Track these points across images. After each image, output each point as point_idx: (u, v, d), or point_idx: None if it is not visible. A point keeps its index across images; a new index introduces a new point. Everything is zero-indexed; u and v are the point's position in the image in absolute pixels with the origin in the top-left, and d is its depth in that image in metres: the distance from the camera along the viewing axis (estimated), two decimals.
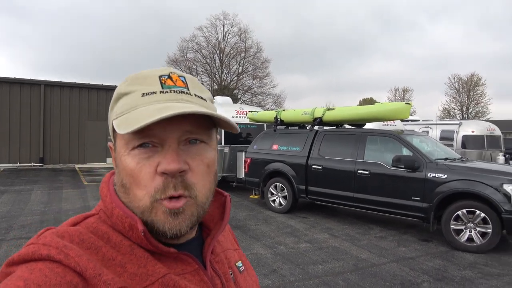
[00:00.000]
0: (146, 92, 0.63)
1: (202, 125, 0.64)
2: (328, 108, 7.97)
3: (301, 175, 7.43)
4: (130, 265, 0.60)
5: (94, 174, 14.31)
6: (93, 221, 0.65)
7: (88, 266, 0.55)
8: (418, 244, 5.73)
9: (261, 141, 8.52)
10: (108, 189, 0.68)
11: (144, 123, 0.55)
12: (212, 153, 0.66)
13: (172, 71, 0.67)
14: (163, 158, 0.60)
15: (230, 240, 0.85)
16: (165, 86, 0.63)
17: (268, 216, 7.42)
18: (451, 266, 4.75)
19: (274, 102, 35.63)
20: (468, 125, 13.43)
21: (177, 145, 0.61)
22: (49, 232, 0.60)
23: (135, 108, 0.61)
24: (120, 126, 0.59)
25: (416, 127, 14.10)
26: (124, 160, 0.62)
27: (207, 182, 0.65)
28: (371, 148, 6.74)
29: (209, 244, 0.72)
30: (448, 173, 5.61)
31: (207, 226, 0.76)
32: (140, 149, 0.61)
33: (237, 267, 0.78)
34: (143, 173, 0.60)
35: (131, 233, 0.63)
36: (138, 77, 0.66)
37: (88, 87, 18.11)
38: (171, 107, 0.58)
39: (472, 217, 5.32)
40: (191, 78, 0.68)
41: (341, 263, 4.80)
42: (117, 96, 0.65)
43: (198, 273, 0.66)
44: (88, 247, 0.59)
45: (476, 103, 45.84)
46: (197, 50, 34.49)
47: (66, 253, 0.55)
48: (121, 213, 0.63)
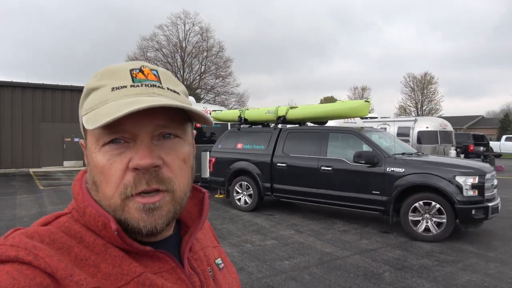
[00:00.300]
0: (116, 86, 0.60)
1: (175, 119, 0.62)
2: (291, 107, 8.09)
3: (266, 173, 7.50)
4: (104, 265, 0.58)
5: (51, 178, 13.67)
6: (65, 220, 0.63)
7: (59, 267, 0.53)
8: (379, 236, 5.97)
9: (225, 140, 8.50)
10: (80, 187, 0.65)
11: (112, 118, 0.53)
12: (188, 148, 0.65)
13: (143, 64, 0.65)
14: (135, 153, 0.58)
15: (209, 237, 0.84)
16: (136, 80, 0.61)
17: (234, 215, 7.43)
18: (410, 256, 4.99)
19: (237, 101, 35.68)
20: (422, 121, 14.09)
21: (149, 140, 0.59)
22: (17, 233, 0.57)
23: (105, 103, 0.59)
24: (88, 122, 0.57)
25: (374, 124, 14.60)
26: (95, 157, 0.60)
27: (184, 178, 0.64)
28: (333, 145, 6.92)
29: (186, 242, 0.70)
30: (405, 167, 5.87)
31: (185, 224, 0.75)
32: (111, 145, 0.59)
33: (216, 264, 0.77)
34: (114, 169, 0.58)
35: (104, 232, 0.61)
36: (108, 71, 0.63)
37: (43, 87, 17.26)
38: (141, 101, 0.56)
39: (428, 208, 5.61)
40: (164, 72, 0.66)
41: (307, 257, 4.90)
42: (87, 92, 0.63)
43: (175, 271, 0.65)
44: (60, 247, 0.57)
45: (430, 100, 48.33)
46: (158, 49, 33.88)
47: (35, 254, 0.53)
48: (93, 212, 0.61)
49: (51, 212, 0.66)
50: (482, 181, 5.48)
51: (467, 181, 5.43)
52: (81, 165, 18.17)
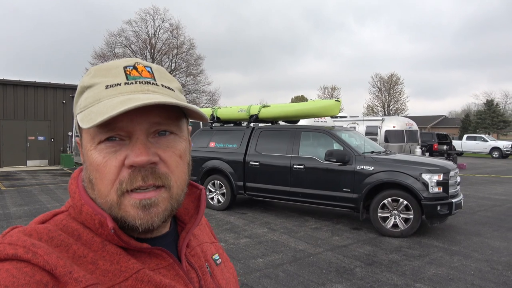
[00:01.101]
0: (110, 84, 0.60)
1: (171, 116, 0.62)
2: (263, 105, 8.13)
3: (239, 172, 7.51)
4: (103, 262, 0.58)
5: (14, 178, 13.07)
6: (62, 218, 0.63)
7: (58, 264, 0.53)
8: (350, 232, 6.12)
9: (198, 138, 8.44)
10: (76, 186, 0.65)
11: (107, 116, 0.53)
12: (184, 144, 0.65)
13: (137, 61, 0.64)
14: (131, 151, 0.58)
15: (206, 233, 0.84)
16: (130, 77, 0.61)
17: (207, 213, 7.39)
18: (379, 251, 5.15)
19: (208, 99, 35.40)
20: (390, 121, 14.53)
21: (145, 137, 0.59)
22: (15, 231, 0.57)
23: (99, 101, 0.58)
24: (83, 120, 0.57)
25: (344, 123, 14.92)
26: (90, 155, 0.60)
27: (181, 173, 0.64)
28: (305, 144, 7.02)
29: (184, 238, 0.71)
30: (374, 165, 6.05)
31: (182, 220, 0.75)
32: (106, 143, 0.59)
33: (214, 260, 0.77)
34: (109, 166, 0.58)
35: (101, 230, 0.61)
36: (101, 68, 0.63)
37: (3, 83, 16.44)
38: (135, 99, 0.56)
39: (396, 205, 5.80)
40: (157, 68, 0.66)
41: (280, 255, 4.95)
42: (81, 90, 0.63)
43: (173, 267, 0.65)
44: (58, 245, 0.57)
45: (396, 100, 49.89)
46: (126, 45, 33.00)
47: (34, 251, 0.53)
48: (90, 211, 0.61)
49: (15, 214, 0.65)
50: (447, 178, 5.73)
51: (433, 179, 5.66)
52: (46, 165, 17.48)
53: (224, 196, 7.69)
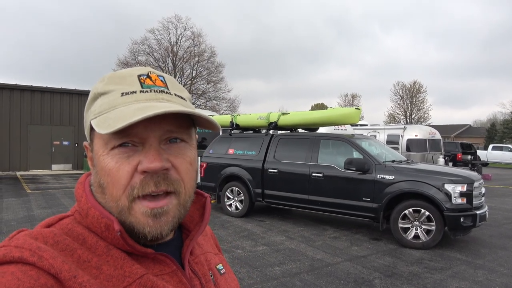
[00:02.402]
0: (126, 91, 0.62)
1: (182, 125, 0.64)
2: (282, 113, 8.13)
3: (257, 179, 7.50)
4: (107, 267, 0.59)
5: (38, 181, 13.45)
6: (68, 222, 0.64)
7: (63, 268, 0.54)
8: (369, 243, 6.00)
9: (217, 145, 8.49)
10: (83, 190, 0.66)
11: (128, 122, 0.55)
12: (193, 152, 0.67)
13: (150, 70, 0.66)
14: (144, 157, 0.60)
15: (211, 244, 0.85)
16: (145, 86, 0.63)
17: (225, 220, 7.40)
18: (399, 263, 5.02)
19: (228, 106, 35.67)
20: (412, 129, 14.26)
21: (158, 144, 0.61)
22: (22, 234, 0.58)
23: (115, 107, 0.60)
24: (100, 126, 0.58)
25: (364, 132, 14.73)
26: (102, 160, 0.61)
27: (191, 180, 0.65)
28: (324, 152, 6.96)
29: (188, 245, 0.71)
30: (395, 175, 5.93)
31: (187, 228, 0.76)
32: (120, 148, 0.60)
33: (218, 269, 0.78)
34: (122, 171, 0.60)
35: (107, 234, 0.61)
36: (116, 76, 0.65)
37: (31, 89, 17.03)
38: (153, 107, 0.58)
39: (417, 215, 5.66)
40: (170, 78, 0.68)
41: (298, 264, 4.90)
42: (94, 96, 0.64)
43: (176, 274, 0.66)
44: (63, 249, 0.58)
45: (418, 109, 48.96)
46: (149, 53, 33.74)
47: (40, 255, 0.54)
48: (96, 213, 0.62)
49: (39, 216, 0.67)
50: (470, 189, 5.56)
51: (456, 189, 5.51)
52: (70, 169, 17.93)
53: (242, 203, 7.69)
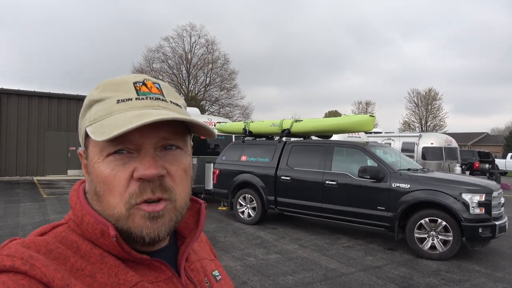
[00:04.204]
0: (122, 98, 0.62)
1: (178, 132, 0.64)
2: (296, 120, 8.09)
3: (270, 186, 7.46)
4: (100, 275, 0.58)
5: (54, 186, 13.67)
6: (61, 230, 0.63)
7: (55, 277, 0.53)
8: (384, 252, 5.88)
9: (229, 152, 8.49)
10: (78, 197, 0.66)
11: (124, 130, 0.55)
12: (188, 159, 0.67)
13: (146, 78, 0.66)
14: (140, 163, 0.60)
15: (206, 250, 0.85)
16: (141, 93, 0.63)
17: (237, 227, 7.37)
18: (416, 274, 4.90)
19: (241, 113, 35.77)
20: (427, 137, 14.04)
21: (153, 151, 0.61)
22: (14, 243, 0.57)
23: (111, 114, 0.60)
24: (95, 133, 0.58)
25: (379, 139, 14.56)
26: (98, 167, 0.61)
27: (185, 187, 0.66)
28: (338, 159, 6.89)
29: (183, 252, 0.71)
30: (411, 183, 5.82)
31: (182, 235, 0.75)
32: (115, 155, 0.60)
33: (214, 276, 0.77)
34: (118, 179, 0.59)
35: (102, 240, 0.61)
36: (111, 83, 0.65)
37: (49, 96, 17.40)
38: (149, 114, 0.58)
39: (434, 225, 5.53)
40: (165, 85, 0.68)
41: (311, 273, 4.83)
42: (89, 103, 0.64)
43: (171, 281, 0.65)
44: (56, 257, 0.57)
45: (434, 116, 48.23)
46: (164, 61, 34.15)
47: (31, 263, 0.53)
48: (92, 220, 0.62)
49: (54, 221, 0.66)
50: (489, 199, 5.41)
51: (474, 199, 5.37)
52: None
53: (255, 210, 7.65)
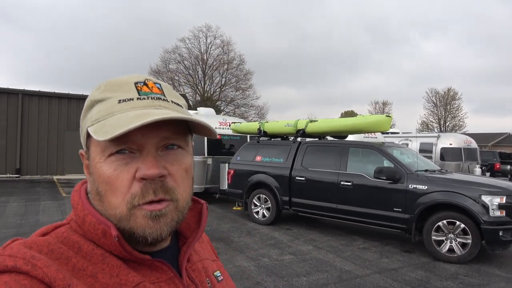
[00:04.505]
0: (123, 98, 0.62)
1: (179, 131, 0.64)
2: (310, 120, 8.04)
3: (285, 187, 7.43)
4: (102, 275, 0.58)
5: (73, 185, 13.91)
6: (63, 230, 0.63)
7: (57, 277, 0.53)
8: (401, 255, 5.79)
9: (244, 152, 8.50)
10: (79, 197, 0.66)
11: (126, 129, 0.55)
12: (190, 158, 0.67)
13: (147, 78, 0.66)
14: (142, 163, 0.60)
15: (208, 250, 0.84)
16: (142, 93, 0.63)
17: (252, 228, 7.37)
18: (433, 277, 4.80)
19: (257, 113, 35.82)
20: (446, 137, 13.77)
21: (155, 150, 0.61)
22: (16, 243, 0.58)
23: (112, 114, 0.60)
24: (97, 133, 0.58)
25: (396, 140, 14.36)
26: (99, 167, 0.61)
27: (187, 187, 0.65)
28: (353, 160, 6.81)
29: (185, 252, 0.71)
30: (428, 185, 5.71)
31: (183, 235, 0.75)
32: (117, 155, 0.60)
33: (215, 276, 0.77)
34: (120, 179, 0.60)
35: (104, 240, 0.61)
36: (112, 83, 0.65)
37: (68, 97, 17.77)
38: (151, 114, 0.58)
39: (452, 228, 5.41)
40: (166, 85, 0.68)
41: (325, 275, 4.79)
42: (91, 103, 0.64)
43: (173, 281, 0.65)
44: (58, 258, 0.57)
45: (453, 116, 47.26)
46: (180, 61, 34.51)
47: (33, 263, 0.53)
48: (93, 220, 0.62)
49: None
50: (510, 201, 5.26)
51: (494, 201, 5.22)
52: None
53: (269, 210, 7.64)
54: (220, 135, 10.65)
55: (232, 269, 4.85)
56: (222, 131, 10.70)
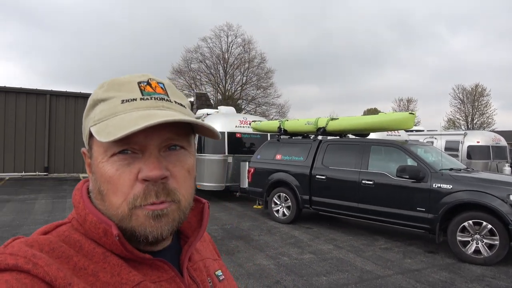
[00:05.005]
0: (126, 98, 0.62)
1: (182, 132, 0.64)
2: (331, 118, 7.95)
3: (305, 185, 7.38)
4: (103, 274, 0.58)
5: None
6: (64, 229, 0.64)
7: (58, 276, 0.53)
8: (424, 256, 5.65)
9: (264, 150, 8.50)
10: (81, 196, 0.66)
11: (129, 131, 0.55)
12: (192, 159, 0.67)
13: (150, 77, 0.66)
14: (144, 164, 0.60)
15: (210, 250, 0.84)
16: (145, 93, 0.63)
17: (272, 226, 7.36)
18: (458, 279, 4.67)
19: (278, 112, 35.72)
20: (473, 135, 13.34)
21: (157, 151, 0.61)
22: (17, 242, 0.58)
23: (115, 114, 0.60)
24: (100, 133, 0.58)
25: (420, 138, 14.02)
26: (102, 167, 0.61)
27: (189, 188, 0.65)
28: (375, 158, 6.70)
29: (186, 251, 0.71)
30: (453, 184, 5.54)
31: (185, 234, 0.75)
32: (119, 155, 0.60)
33: (216, 275, 0.77)
34: (123, 179, 0.60)
35: (105, 240, 0.61)
36: (115, 83, 0.65)
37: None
38: (154, 115, 0.58)
39: (478, 228, 5.24)
40: (169, 85, 0.68)
41: (346, 274, 4.73)
42: (94, 103, 0.64)
43: (174, 280, 0.65)
44: (59, 256, 0.57)
45: (481, 113, 45.72)
46: (201, 61, 34.77)
47: (34, 262, 0.53)
48: (94, 219, 0.62)
49: None
50: None
51: None
52: None
53: (290, 209, 7.61)
54: (241, 134, 10.69)
55: (251, 267, 4.86)
56: (242, 129, 10.73)
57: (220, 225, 7.20)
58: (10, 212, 8.17)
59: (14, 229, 6.60)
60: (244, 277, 4.48)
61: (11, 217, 7.64)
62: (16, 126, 16.62)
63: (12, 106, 16.61)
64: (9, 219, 7.44)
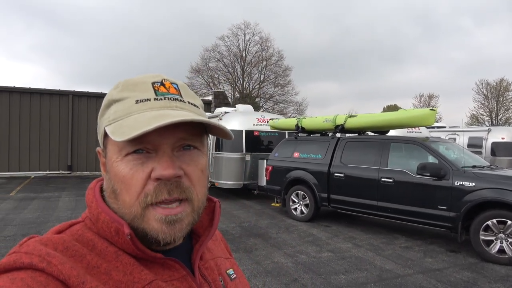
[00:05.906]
0: (140, 99, 0.63)
1: (195, 132, 0.65)
2: (350, 115, 7.86)
3: (323, 183, 7.34)
4: (116, 273, 0.59)
5: None
6: (78, 228, 0.65)
7: (72, 274, 0.54)
8: (446, 255, 5.53)
9: (282, 148, 8.48)
10: (94, 195, 0.68)
11: (143, 131, 0.55)
12: (205, 159, 0.67)
13: (164, 78, 0.67)
14: (158, 163, 0.60)
15: (221, 248, 0.84)
16: (159, 93, 0.64)
17: (290, 224, 7.35)
18: (481, 279, 4.55)
19: (295, 109, 35.54)
20: (498, 131, 12.94)
21: (171, 151, 0.62)
22: (32, 241, 0.60)
23: (130, 114, 0.61)
24: (115, 133, 0.59)
25: (442, 134, 13.70)
26: (116, 166, 0.62)
27: (202, 187, 0.66)
28: (395, 156, 6.59)
29: (197, 251, 0.71)
30: (476, 181, 5.41)
31: (196, 233, 0.75)
32: (134, 155, 0.61)
33: (228, 274, 0.77)
34: (136, 178, 0.60)
35: (117, 239, 0.62)
36: (129, 83, 0.66)
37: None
38: (167, 115, 0.59)
39: (503, 227, 5.09)
40: (183, 85, 0.68)
41: (365, 273, 4.68)
42: (108, 103, 0.65)
43: (186, 279, 0.65)
44: (72, 255, 0.59)
45: (506, 109, 44.29)
46: (219, 59, 34.88)
47: (49, 261, 0.55)
48: (107, 218, 0.63)
49: None
50: None
51: None
52: None
53: (308, 207, 7.58)
54: (258, 132, 10.70)
55: (269, 265, 4.87)
56: (260, 127, 10.73)
57: (238, 223, 7.24)
58: (36, 209, 8.43)
59: (39, 226, 6.82)
60: (262, 275, 4.49)
61: (36, 214, 7.89)
62: (41, 126, 17.11)
63: (36, 107, 17.11)
64: (34, 216, 7.68)
